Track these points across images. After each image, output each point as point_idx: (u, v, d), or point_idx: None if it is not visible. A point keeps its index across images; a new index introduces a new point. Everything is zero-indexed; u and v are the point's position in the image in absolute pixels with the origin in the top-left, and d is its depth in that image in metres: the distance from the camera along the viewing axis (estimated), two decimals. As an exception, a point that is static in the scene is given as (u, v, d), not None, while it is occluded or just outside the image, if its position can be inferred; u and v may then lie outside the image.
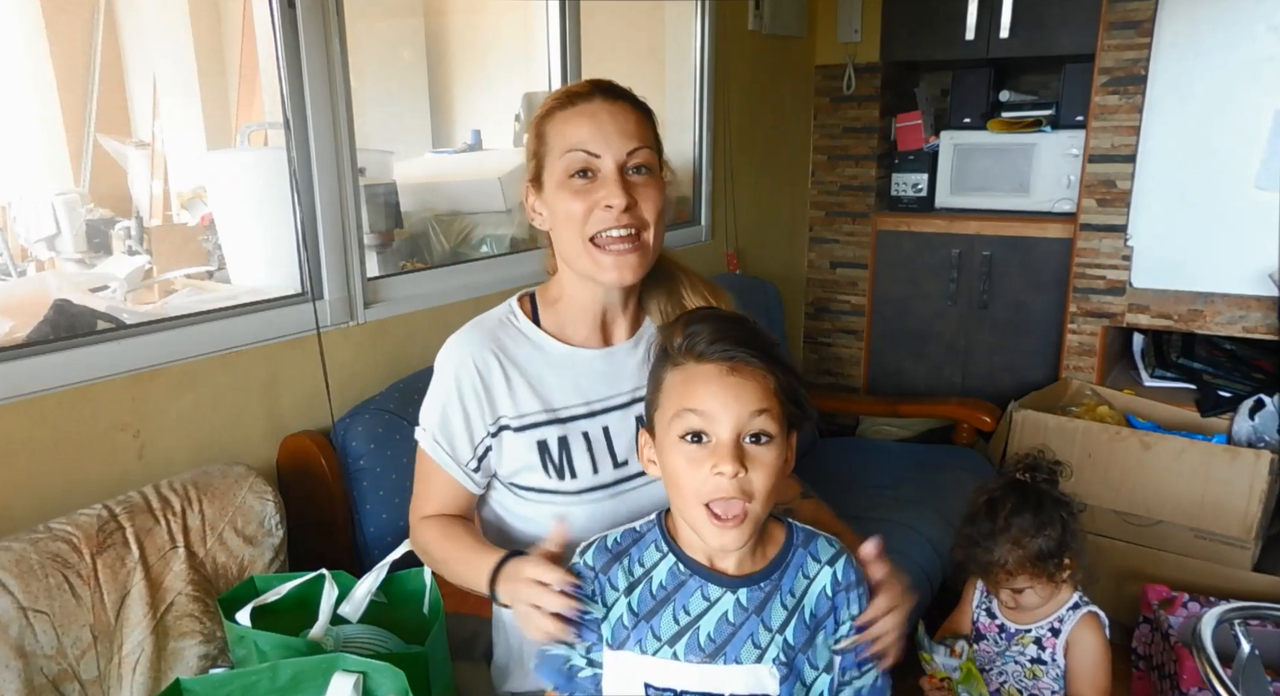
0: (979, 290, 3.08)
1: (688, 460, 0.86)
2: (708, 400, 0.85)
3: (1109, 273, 2.76)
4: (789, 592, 0.91)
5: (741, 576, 0.90)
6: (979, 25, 2.91)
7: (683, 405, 0.86)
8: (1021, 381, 3.01)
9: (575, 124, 1.06)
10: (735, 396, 0.84)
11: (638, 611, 0.91)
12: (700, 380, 0.86)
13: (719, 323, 0.89)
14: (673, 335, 0.90)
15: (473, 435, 1.13)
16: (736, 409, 0.84)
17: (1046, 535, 1.48)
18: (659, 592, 0.91)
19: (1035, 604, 1.55)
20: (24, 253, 2.99)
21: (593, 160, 1.05)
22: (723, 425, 0.84)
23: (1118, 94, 2.64)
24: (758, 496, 0.85)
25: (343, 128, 1.61)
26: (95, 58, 3.18)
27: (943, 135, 3.11)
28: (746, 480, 0.84)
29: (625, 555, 0.94)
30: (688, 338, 0.88)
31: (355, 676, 1.05)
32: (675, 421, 0.86)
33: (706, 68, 2.66)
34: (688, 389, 0.86)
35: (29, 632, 1.08)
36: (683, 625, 0.89)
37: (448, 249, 2.52)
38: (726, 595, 0.90)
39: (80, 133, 3.16)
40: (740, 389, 0.85)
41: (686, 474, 0.86)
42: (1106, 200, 2.72)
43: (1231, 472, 2.24)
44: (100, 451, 1.32)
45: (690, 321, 0.89)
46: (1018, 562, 1.49)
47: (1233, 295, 2.57)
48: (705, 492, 0.85)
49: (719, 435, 0.85)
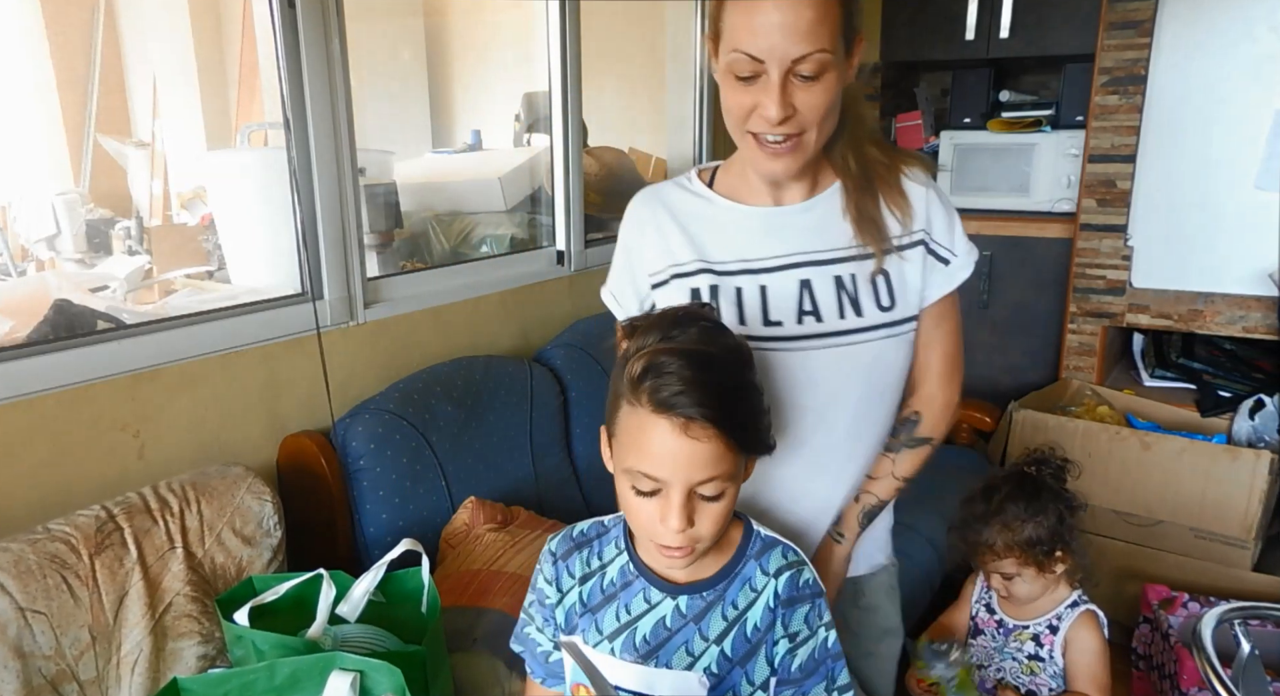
0: (979, 290, 3.08)
1: (638, 505, 0.85)
2: (659, 461, 0.82)
3: (1109, 273, 2.76)
4: (732, 604, 0.90)
5: (685, 584, 0.91)
6: (979, 25, 2.91)
7: (635, 464, 0.83)
8: (1021, 381, 3.01)
9: (745, 19, 0.95)
10: (688, 460, 0.81)
11: (587, 602, 0.93)
12: (654, 435, 0.81)
13: (681, 368, 0.81)
14: (632, 366, 0.83)
15: (638, 289, 1.12)
16: (688, 472, 0.82)
17: (1038, 522, 1.49)
18: (608, 588, 0.93)
19: (1027, 595, 1.55)
20: (24, 253, 2.99)
21: (756, 65, 0.95)
22: (673, 485, 0.82)
23: (1118, 94, 2.64)
24: (705, 540, 0.85)
25: (343, 128, 1.61)
26: (95, 58, 3.18)
27: (943, 135, 3.11)
28: (694, 533, 0.84)
29: (588, 546, 0.96)
30: (646, 376, 0.82)
31: (352, 675, 1.05)
32: (625, 473, 0.85)
33: (707, 68, 2.67)
34: (641, 440, 0.82)
35: (27, 633, 1.08)
36: (622, 623, 0.91)
37: (448, 249, 2.52)
38: (666, 600, 0.91)
39: (80, 133, 3.16)
40: (693, 452, 0.81)
41: (635, 511, 0.86)
42: (1106, 200, 2.72)
43: (1231, 472, 2.24)
44: (100, 451, 1.32)
45: (652, 359, 0.82)
46: (1005, 545, 1.50)
47: (1233, 295, 2.57)
48: (654, 536, 0.85)
49: (668, 491, 0.83)
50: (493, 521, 1.56)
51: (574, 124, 2.22)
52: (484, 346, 1.97)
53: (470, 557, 1.50)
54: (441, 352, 1.84)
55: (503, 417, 1.76)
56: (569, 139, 2.21)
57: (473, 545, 1.52)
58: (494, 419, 1.74)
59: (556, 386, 1.94)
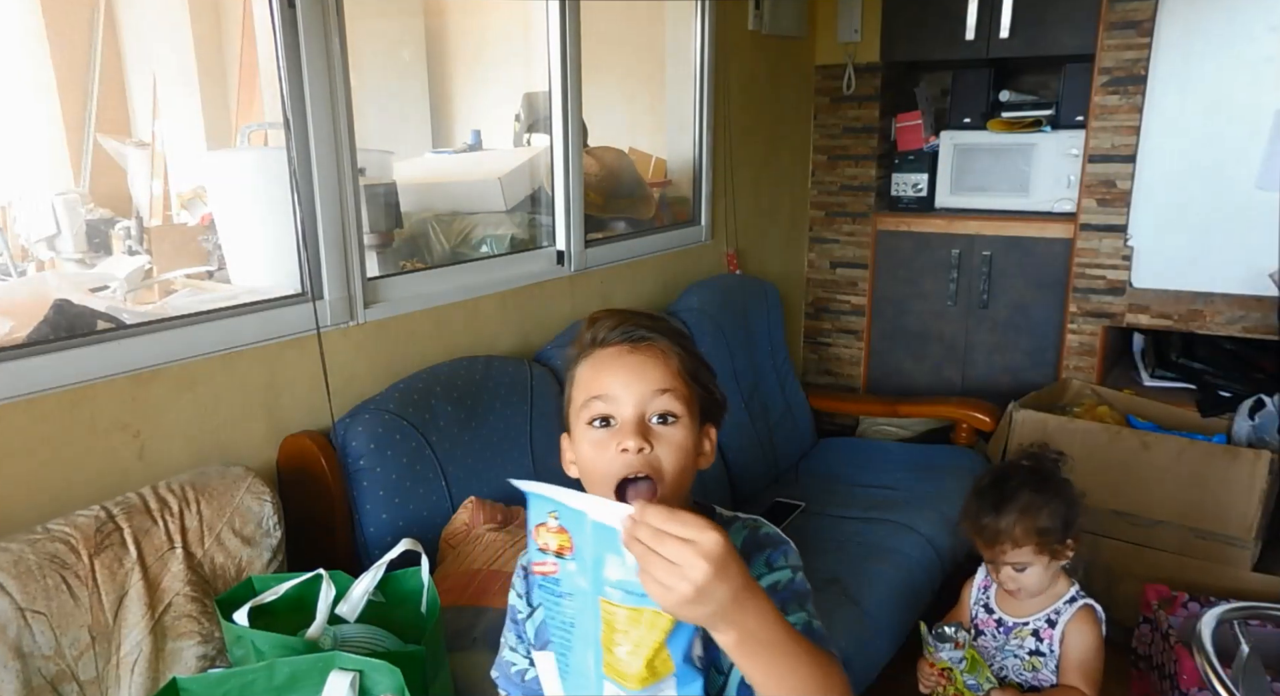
0: (979, 290, 3.08)
1: (594, 444, 0.85)
2: (610, 382, 0.85)
3: (1109, 273, 2.76)
4: None
5: None
6: (979, 25, 2.91)
7: (588, 392, 0.86)
8: (1021, 381, 3.01)
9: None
10: (637, 375, 0.85)
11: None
12: (604, 364, 0.87)
13: (623, 312, 0.90)
14: (582, 333, 0.91)
15: None
16: (639, 386, 0.84)
17: (1053, 509, 1.51)
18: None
19: (1035, 586, 1.56)
20: (24, 253, 2.99)
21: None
22: (625, 405, 0.84)
23: (1118, 94, 2.64)
24: (667, 474, 0.83)
25: (343, 128, 1.61)
26: (95, 58, 3.18)
27: (943, 135, 3.11)
28: (654, 457, 0.83)
29: None
30: (594, 329, 0.89)
31: (352, 674, 1.05)
32: (583, 410, 0.86)
33: (706, 68, 2.66)
34: (592, 374, 0.87)
35: (27, 633, 1.08)
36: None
37: (448, 249, 2.52)
38: None
39: (80, 133, 3.16)
40: (642, 367, 0.85)
41: (594, 457, 0.85)
42: (1106, 200, 2.72)
43: (1231, 472, 2.24)
44: (100, 451, 1.32)
45: (595, 317, 0.91)
46: (1024, 532, 1.51)
47: (1233, 295, 2.57)
48: (613, 472, 0.83)
49: (623, 415, 0.84)
50: (493, 521, 1.56)
51: (574, 124, 2.22)
52: (484, 346, 1.97)
53: (470, 557, 1.50)
54: (441, 352, 1.84)
55: (503, 418, 1.76)
56: (569, 139, 2.21)
57: (473, 545, 1.52)
58: (494, 419, 1.74)
59: (556, 386, 1.94)
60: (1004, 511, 1.52)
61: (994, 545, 1.55)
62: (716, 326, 2.37)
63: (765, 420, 2.52)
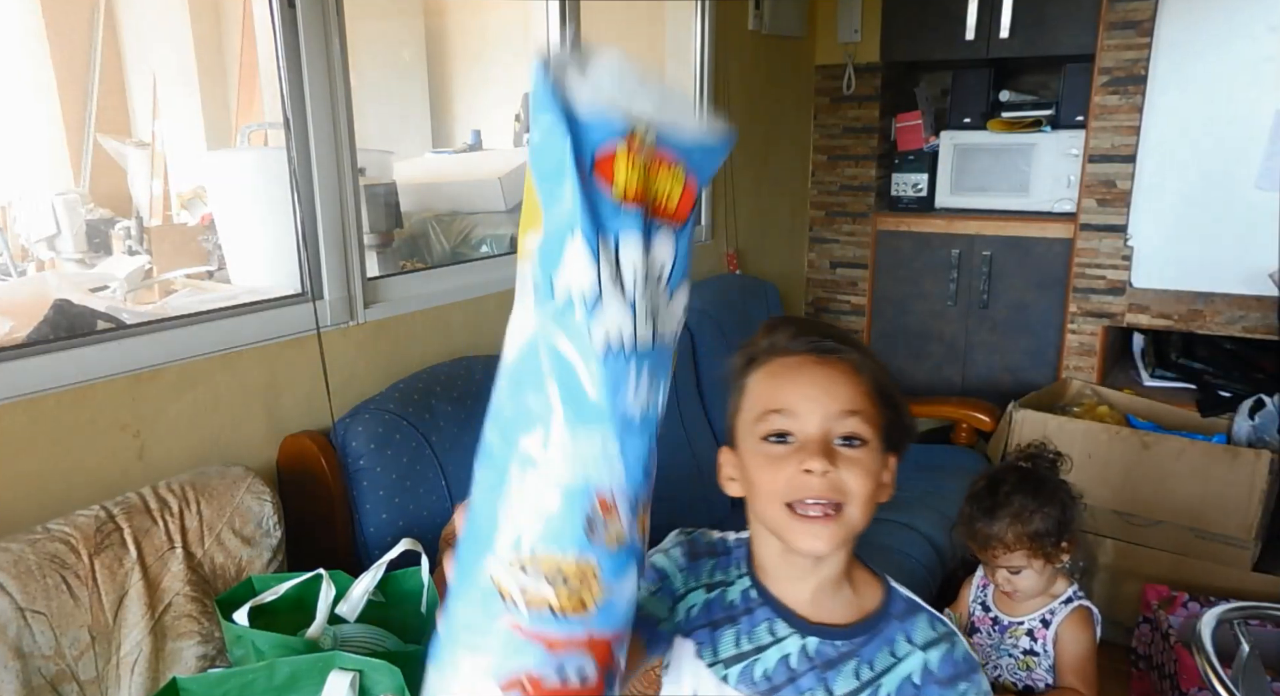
0: (979, 290, 3.08)
1: (770, 460, 0.76)
2: (793, 395, 0.76)
3: (1109, 273, 2.76)
4: (868, 663, 0.78)
5: (816, 624, 0.79)
6: (979, 25, 2.91)
7: (767, 405, 0.77)
8: (1021, 381, 3.01)
9: None
10: (824, 390, 0.76)
11: (709, 613, 0.82)
12: (786, 374, 0.78)
13: (805, 320, 0.83)
14: (757, 339, 0.82)
15: None
16: (826, 402, 0.75)
17: (1046, 512, 1.50)
18: (728, 608, 0.82)
19: (1031, 589, 1.56)
20: (24, 253, 2.99)
21: None
22: (809, 421, 0.75)
23: (1118, 94, 2.64)
24: (853, 498, 0.74)
25: (343, 128, 1.61)
26: (95, 58, 3.18)
27: (943, 135, 3.11)
28: (838, 478, 0.74)
29: (714, 557, 0.86)
30: (772, 336, 0.81)
31: (351, 674, 1.05)
32: (758, 424, 0.77)
33: (706, 68, 2.66)
34: (773, 384, 0.78)
35: (27, 633, 1.08)
36: (743, 651, 0.80)
37: (448, 249, 2.52)
38: (794, 638, 0.79)
39: (80, 133, 3.16)
40: (830, 382, 0.76)
41: (768, 475, 0.76)
42: (1106, 200, 2.72)
43: (1231, 472, 2.24)
44: (100, 451, 1.32)
45: (773, 323, 0.82)
46: (1016, 537, 1.50)
47: (1233, 295, 2.57)
48: (790, 493, 0.75)
49: (805, 431, 0.75)
50: (492, 521, 1.56)
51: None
52: (484, 346, 1.97)
53: (470, 557, 1.50)
54: (441, 352, 1.84)
55: (503, 417, 1.76)
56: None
57: (472, 545, 1.52)
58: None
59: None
60: (997, 516, 1.52)
61: (986, 549, 1.55)
62: (716, 326, 2.37)
63: (765, 420, 2.52)
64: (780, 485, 0.75)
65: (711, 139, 0.58)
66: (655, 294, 0.56)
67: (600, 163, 0.52)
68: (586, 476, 0.54)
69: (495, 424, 0.56)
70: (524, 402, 0.54)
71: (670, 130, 0.55)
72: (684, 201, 0.57)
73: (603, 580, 0.56)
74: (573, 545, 0.54)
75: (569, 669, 0.56)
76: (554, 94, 0.51)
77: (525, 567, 0.54)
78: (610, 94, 0.52)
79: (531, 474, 0.54)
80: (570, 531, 0.54)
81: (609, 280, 0.53)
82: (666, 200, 0.56)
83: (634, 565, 0.58)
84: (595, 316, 0.53)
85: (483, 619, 0.55)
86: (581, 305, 0.53)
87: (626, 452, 0.55)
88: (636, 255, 0.54)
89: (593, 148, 0.52)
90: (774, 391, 0.78)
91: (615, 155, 0.52)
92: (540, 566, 0.54)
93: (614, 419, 0.54)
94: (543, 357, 0.53)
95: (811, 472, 0.73)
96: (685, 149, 0.56)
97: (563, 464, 0.54)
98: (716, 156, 0.59)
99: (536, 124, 0.52)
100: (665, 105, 0.55)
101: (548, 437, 0.54)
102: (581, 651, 0.56)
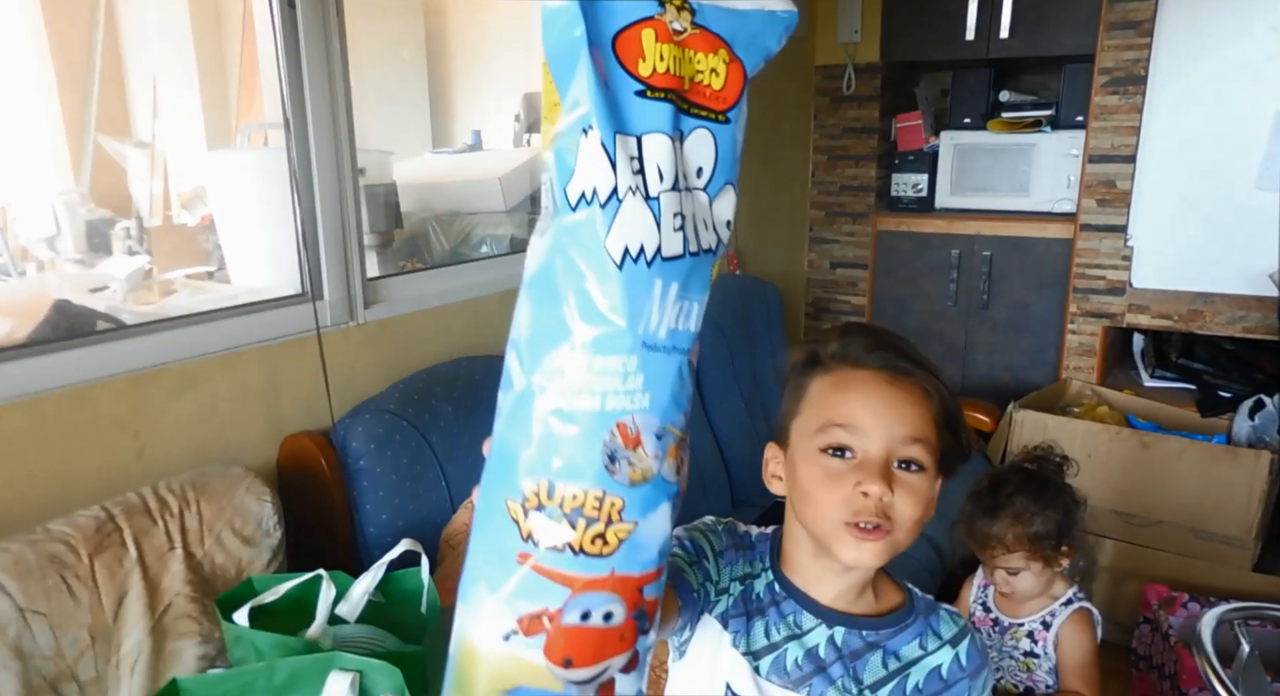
0: (979, 290, 3.08)
1: (827, 473, 0.75)
2: (860, 411, 0.75)
3: (1109, 273, 2.76)
4: (895, 654, 0.80)
5: (843, 614, 0.81)
6: (979, 25, 2.91)
7: (830, 417, 0.76)
8: (1021, 381, 3.01)
9: None
10: (892, 411, 0.75)
11: (744, 605, 0.83)
12: (855, 388, 0.77)
13: (881, 332, 0.80)
14: (826, 341, 0.81)
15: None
16: (891, 424, 0.75)
17: (1047, 516, 1.49)
18: (757, 601, 0.83)
19: (1029, 591, 1.55)
20: (24, 253, 2.99)
21: None
22: (874, 441, 0.74)
23: (1118, 94, 2.64)
24: (900, 525, 0.75)
25: (343, 128, 1.61)
26: (95, 58, 3.18)
27: (943, 135, 3.11)
28: (891, 505, 0.74)
29: (746, 550, 0.86)
30: (844, 343, 0.79)
31: (351, 675, 1.05)
32: (818, 434, 0.76)
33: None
34: (838, 396, 0.77)
35: (27, 633, 1.08)
36: (772, 642, 0.81)
37: (448, 249, 2.52)
38: (821, 628, 0.80)
39: (80, 133, 3.16)
40: (900, 405, 0.75)
41: (823, 489, 0.76)
42: (1106, 200, 2.72)
43: (1231, 472, 2.24)
44: (100, 451, 1.32)
45: (847, 329, 0.81)
46: (1016, 538, 1.50)
47: (1233, 295, 2.57)
48: (845, 512, 0.75)
49: (868, 451, 0.75)
50: (493, 521, 1.56)
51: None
52: (484, 346, 1.97)
53: (470, 558, 1.49)
54: (441, 352, 1.84)
55: (503, 418, 1.76)
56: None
57: (473, 545, 1.52)
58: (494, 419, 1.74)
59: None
60: (997, 516, 1.52)
61: (985, 549, 1.55)
62: (716, 326, 2.37)
63: (766, 420, 2.52)
64: (836, 501, 0.75)
65: (769, 11, 0.50)
66: (690, 197, 0.50)
67: (623, 40, 0.45)
68: (604, 402, 0.49)
69: (514, 347, 0.52)
70: (539, 322, 0.50)
71: (715, 3, 0.48)
72: (729, 88, 0.49)
73: (626, 517, 0.51)
74: (592, 478, 0.50)
75: (592, 608, 0.52)
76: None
77: (543, 503, 0.51)
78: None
79: (546, 400, 0.50)
80: (589, 464, 0.50)
81: (628, 183, 0.46)
82: (707, 87, 0.48)
83: (664, 502, 0.53)
84: (612, 224, 0.47)
85: (501, 554, 0.52)
86: (597, 211, 0.47)
87: (650, 376, 0.50)
88: (664, 153, 0.47)
89: (615, 23, 0.45)
90: (840, 404, 0.77)
91: (642, 32, 0.45)
92: (558, 501, 0.50)
93: (634, 338, 0.49)
94: (558, 272, 0.49)
95: (869, 496, 0.73)
96: (733, 26, 0.48)
97: (579, 388, 0.49)
98: (773, 33, 0.51)
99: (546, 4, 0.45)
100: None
101: (564, 360, 0.49)
102: (605, 591, 0.52)
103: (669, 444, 0.52)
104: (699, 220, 0.51)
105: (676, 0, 0.46)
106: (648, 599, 0.54)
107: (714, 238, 0.52)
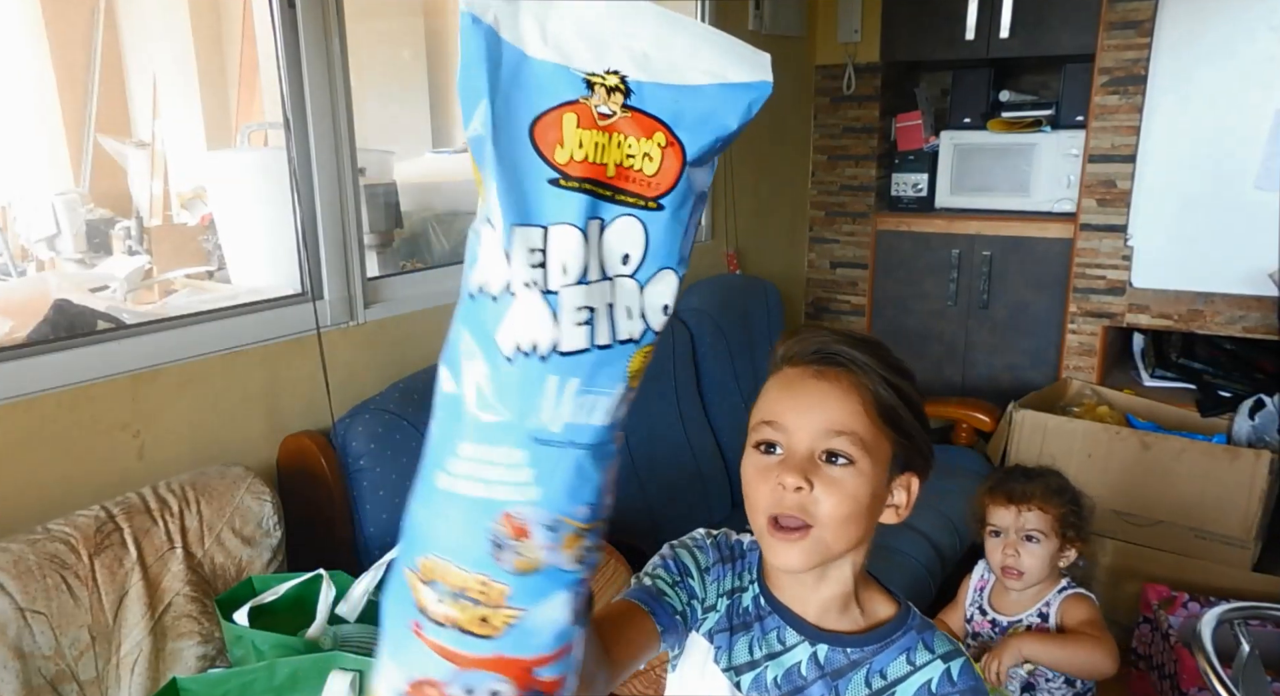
0: (979, 290, 3.08)
1: (756, 470, 0.76)
2: (785, 406, 0.76)
3: (1109, 273, 2.76)
4: (880, 672, 0.77)
5: (826, 632, 0.79)
6: (979, 25, 2.91)
7: (762, 415, 0.77)
8: (1021, 381, 3.01)
9: None
10: (815, 406, 0.74)
11: (730, 621, 0.83)
12: (785, 385, 0.78)
13: (828, 331, 0.79)
14: (776, 345, 0.82)
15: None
16: (814, 418, 0.74)
17: (1075, 496, 1.60)
18: (743, 615, 0.83)
19: (1035, 571, 1.57)
20: (24, 253, 2.99)
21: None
22: (795, 435, 0.74)
23: (1118, 94, 2.64)
24: (823, 522, 0.73)
25: (343, 128, 1.61)
26: (95, 58, 3.18)
27: (943, 135, 3.11)
28: (810, 499, 0.73)
29: (734, 561, 0.85)
30: (789, 343, 0.80)
31: (351, 675, 1.05)
32: (753, 432, 0.78)
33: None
34: (772, 394, 0.78)
35: (27, 633, 1.08)
36: (755, 658, 0.80)
37: (448, 249, 2.52)
38: (804, 646, 0.79)
39: (80, 133, 3.16)
40: (824, 397, 0.75)
41: (753, 485, 0.76)
42: (1106, 200, 2.72)
43: (1231, 472, 2.24)
44: (100, 451, 1.32)
45: (798, 329, 0.83)
46: (1048, 495, 1.56)
47: (1233, 295, 2.57)
48: (766, 506, 0.75)
49: (790, 445, 0.75)
50: (492, 521, 1.56)
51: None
52: (484, 346, 1.98)
53: (470, 557, 1.50)
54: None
55: (503, 417, 1.76)
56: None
57: (473, 545, 1.52)
58: None
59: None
60: (1034, 478, 1.60)
61: (1019, 503, 1.57)
62: (716, 327, 2.37)
63: (765, 420, 2.52)
64: (763, 496, 0.75)
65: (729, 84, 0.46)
66: (612, 286, 0.47)
67: (542, 125, 0.44)
68: (490, 491, 0.49)
69: (434, 416, 0.52)
70: (446, 393, 0.50)
71: (657, 81, 0.45)
72: (663, 174, 0.46)
73: (512, 603, 0.50)
74: (474, 564, 0.50)
75: (476, 686, 0.51)
76: (484, 48, 0.43)
77: (433, 578, 0.51)
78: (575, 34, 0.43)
79: (440, 478, 0.50)
80: (473, 549, 0.49)
81: (524, 278, 0.45)
82: (638, 173, 0.46)
83: (559, 590, 0.52)
84: (503, 319, 0.46)
85: (400, 617, 0.53)
86: (489, 304, 0.46)
87: (542, 471, 0.48)
88: (572, 245, 0.45)
89: (536, 107, 0.44)
90: (772, 401, 0.78)
91: (564, 116, 0.44)
92: (443, 579, 0.50)
93: (522, 432, 0.47)
94: (461, 347, 0.48)
95: (785, 488, 0.73)
96: (678, 105, 0.46)
97: (466, 474, 0.49)
98: (735, 109, 0.48)
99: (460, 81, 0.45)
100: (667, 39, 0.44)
101: (459, 439, 0.49)
102: (490, 671, 0.51)
103: (565, 535, 0.50)
104: (621, 309, 0.48)
105: (610, 81, 0.44)
106: (543, 679, 0.53)
107: (640, 326, 0.49)
